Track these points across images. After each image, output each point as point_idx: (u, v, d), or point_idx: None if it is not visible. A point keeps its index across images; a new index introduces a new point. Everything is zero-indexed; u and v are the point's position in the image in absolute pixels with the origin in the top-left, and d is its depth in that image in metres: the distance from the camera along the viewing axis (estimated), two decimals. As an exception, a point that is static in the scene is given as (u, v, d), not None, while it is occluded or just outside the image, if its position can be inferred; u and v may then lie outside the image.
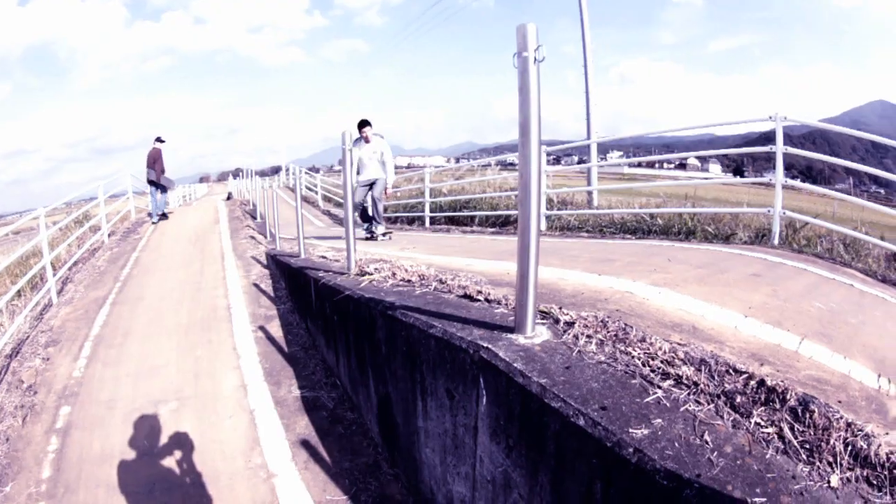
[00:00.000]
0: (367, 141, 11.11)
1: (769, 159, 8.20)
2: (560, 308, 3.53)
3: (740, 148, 10.35)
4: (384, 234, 11.79)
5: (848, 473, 2.16)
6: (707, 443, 2.18)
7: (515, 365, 2.75)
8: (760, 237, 8.54)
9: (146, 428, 5.49)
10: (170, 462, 4.94)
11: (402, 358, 3.98)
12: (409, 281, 4.87)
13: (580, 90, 14.87)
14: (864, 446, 2.26)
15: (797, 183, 8.60)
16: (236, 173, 43.57)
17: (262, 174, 42.71)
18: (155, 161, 18.82)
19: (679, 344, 3.02)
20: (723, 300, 4.24)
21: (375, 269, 5.45)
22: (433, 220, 15.48)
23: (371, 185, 11.33)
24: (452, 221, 15.07)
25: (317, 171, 44.85)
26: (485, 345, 3.00)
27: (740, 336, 3.49)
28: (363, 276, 5.36)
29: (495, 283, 4.58)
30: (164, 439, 5.30)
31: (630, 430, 2.20)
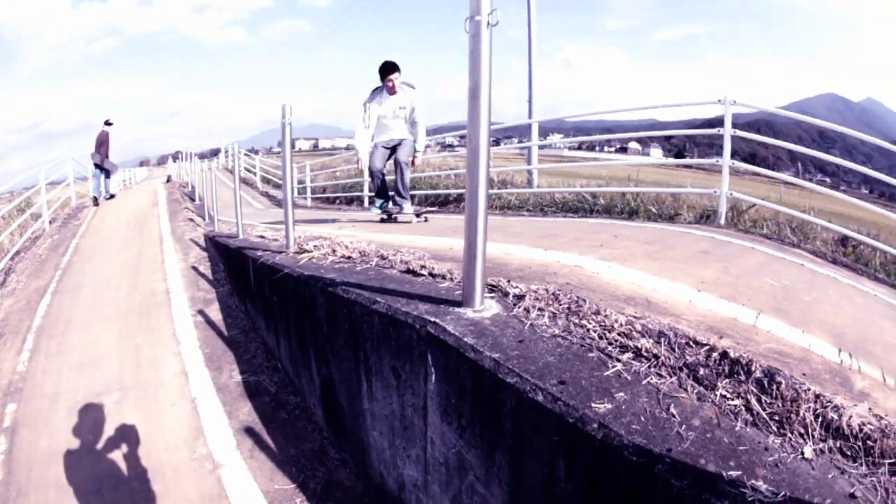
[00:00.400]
0: (391, 92, 8.12)
1: (711, 145, 8.28)
2: (508, 281, 3.31)
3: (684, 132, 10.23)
4: (419, 216, 8.94)
5: (821, 444, 2.08)
6: (674, 416, 2.05)
7: (466, 339, 2.52)
8: (705, 218, 8.57)
9: (90, 422, 5.16)
10: (115, 456, 4.63)
11: (345, 336, 3.72)
12: (349, 258, 4.60)
13: (523, 73, 14.68)
14: (836, 417, 2.18)
15: (745, 165, 8.62)
16: (176, 156, 42.82)
17: (202, 157, 41.77)
18: (101, 144, 18.36)
19: (635, 317, 2.85)
20: (674, 275, 4.14)
21: (315, 246, 5.16)
22: (372, 200, 14.88)
23: (394, 149, 8.48)
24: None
25: (256, 152, 44.15)
26: (432, 319, 2.75)
27: (696, 310, 3.38)
28: (302, 253, 5.08)
29: (439, 258, 4.37)
30: (108, 433, 4.97)
31: (592, 405, 2.03)
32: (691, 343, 2.59)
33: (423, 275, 3.74)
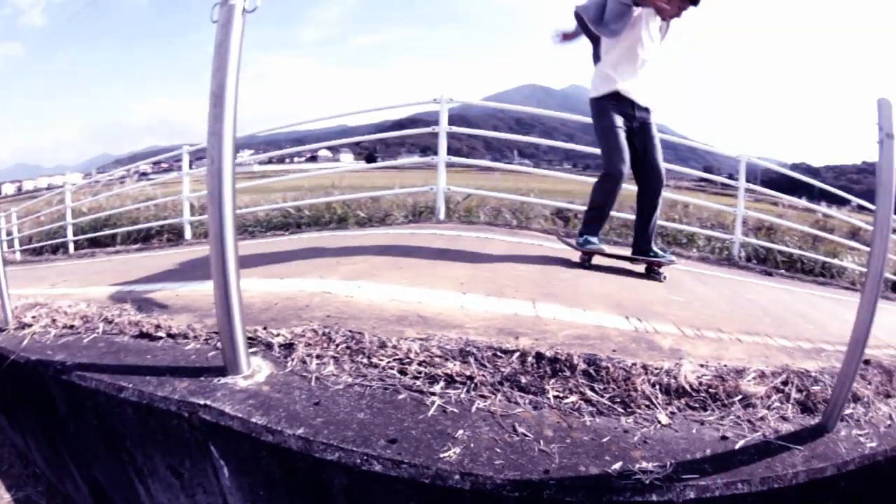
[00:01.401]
0: (665, 16, 4.57)
1: (402, 143, 8.41)
2: (265, 328, 2.78)
3: (377, 134, 10.43)
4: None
5: (669, 408, 2.19)
6: (526, 435, 1.87)
7: (254, 420, 1.92)
8: (418, 215, 8.64)
9: None
10: None
11: (97, 434, 2.83)
12: (72, 326, 3.58)
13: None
14: (672, 381, 2.31)
15: (460, 159, 9.00)
16: None
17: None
18: None
19: (424, 339, 2.58)
20: (430, 281, 3.96)
21: (34, 317, 4.10)
22: (78, 245, 13.27)
23: (635, 132, 4.85)
24: (95, 243, 12.88)
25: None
26: (201, 402, 2.08)
27: (474, 314, 3.23)
28: (23, 329, 4.17)
29: (169, 311, 3.66)
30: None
31: (441, 456, 1.71)
32: (498, 353, 2.46)
33: (162, 336, 2.95)
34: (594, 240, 5.12)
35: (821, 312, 5.87)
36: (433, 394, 2.13)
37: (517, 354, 2.42)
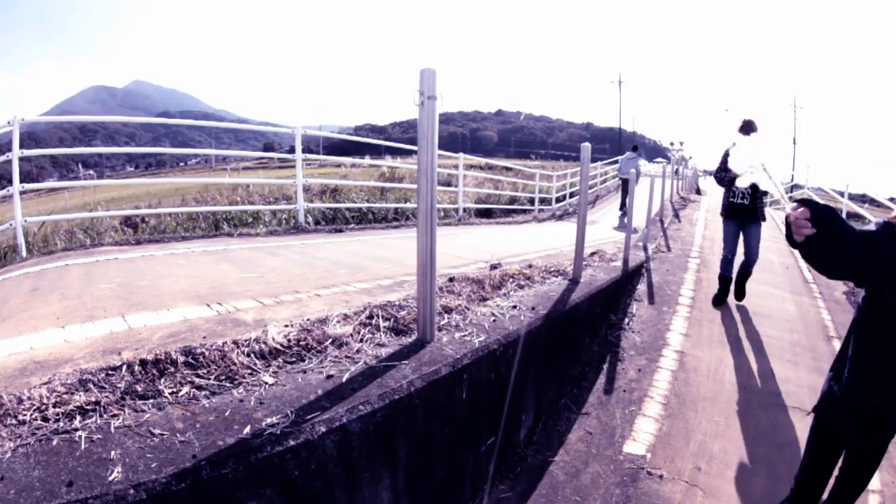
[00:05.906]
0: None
1: None
2: None
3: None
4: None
5: (271, 369, 2.55)
6: (164, 434, 2.05)
7: None
8: (3, 257, 7.84)
9: None
10: None
11: None
12: None
13: None
14: (263, 346, 2.68)
15: (35, 185, 8.14)
16: None
17: None
18: None
19: (45, 383, 2.45)
20: (33, 325, 3.73)
21: None
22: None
23: None
24: None
25: None
26: None
27: (78, 344, 3.23)
28: None
29: None
30: None
31: (110, 479, 1.79)
32: (110, 372, 2.51)
33: None
34: None
35: (398, 251, 6.85)
36: (76, 429, 2.12)
37: (125, 368, 2.51)
